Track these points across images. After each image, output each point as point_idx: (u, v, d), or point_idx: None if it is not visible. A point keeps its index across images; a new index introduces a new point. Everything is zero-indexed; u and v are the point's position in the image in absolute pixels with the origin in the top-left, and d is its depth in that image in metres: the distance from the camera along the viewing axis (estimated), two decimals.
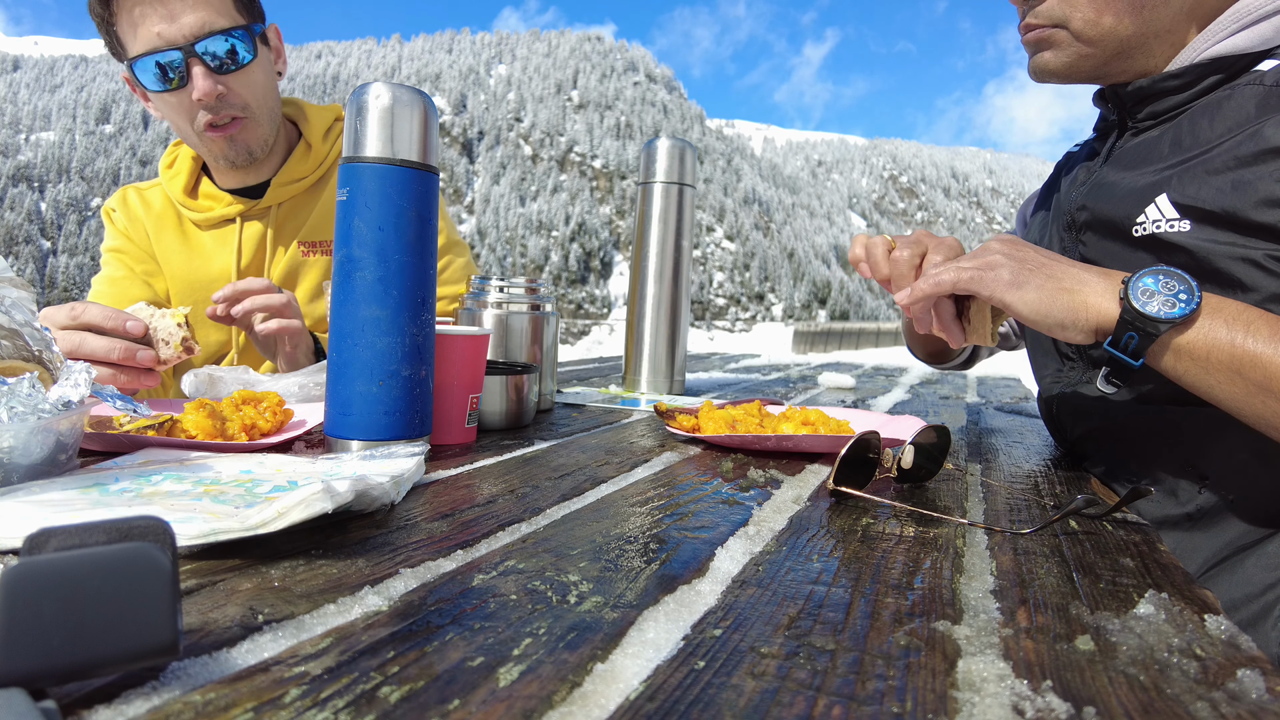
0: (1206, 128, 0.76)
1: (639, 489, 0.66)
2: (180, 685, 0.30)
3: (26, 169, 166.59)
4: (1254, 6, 0.76)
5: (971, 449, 0.94)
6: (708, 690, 0.32)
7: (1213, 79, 0.79)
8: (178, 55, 1.13)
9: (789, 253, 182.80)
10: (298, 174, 1.32)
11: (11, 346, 0.65)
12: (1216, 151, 0.74)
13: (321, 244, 1.35)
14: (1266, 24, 0.76)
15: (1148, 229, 0.77)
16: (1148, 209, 0.78)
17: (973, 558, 0.52)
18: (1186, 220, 0.74)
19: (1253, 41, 0.76)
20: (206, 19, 1.13)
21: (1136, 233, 0.78)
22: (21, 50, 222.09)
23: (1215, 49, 0.78)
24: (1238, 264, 0.72)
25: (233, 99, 1.19)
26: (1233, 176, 0.71)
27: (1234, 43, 0.77)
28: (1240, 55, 0.77)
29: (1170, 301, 0.65)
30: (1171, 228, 0.75)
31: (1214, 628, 0.41)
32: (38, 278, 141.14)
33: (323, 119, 1.37)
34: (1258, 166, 0.70)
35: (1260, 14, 0.76)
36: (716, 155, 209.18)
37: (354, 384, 0.69)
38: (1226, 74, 0.78)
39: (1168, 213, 0.76)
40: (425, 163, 0.71)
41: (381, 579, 0.42)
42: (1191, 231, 0.74)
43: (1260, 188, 0.70)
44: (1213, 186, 0.73)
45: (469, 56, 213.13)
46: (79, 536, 0.29)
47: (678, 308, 1.30)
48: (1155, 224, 0.77)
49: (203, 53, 1.14)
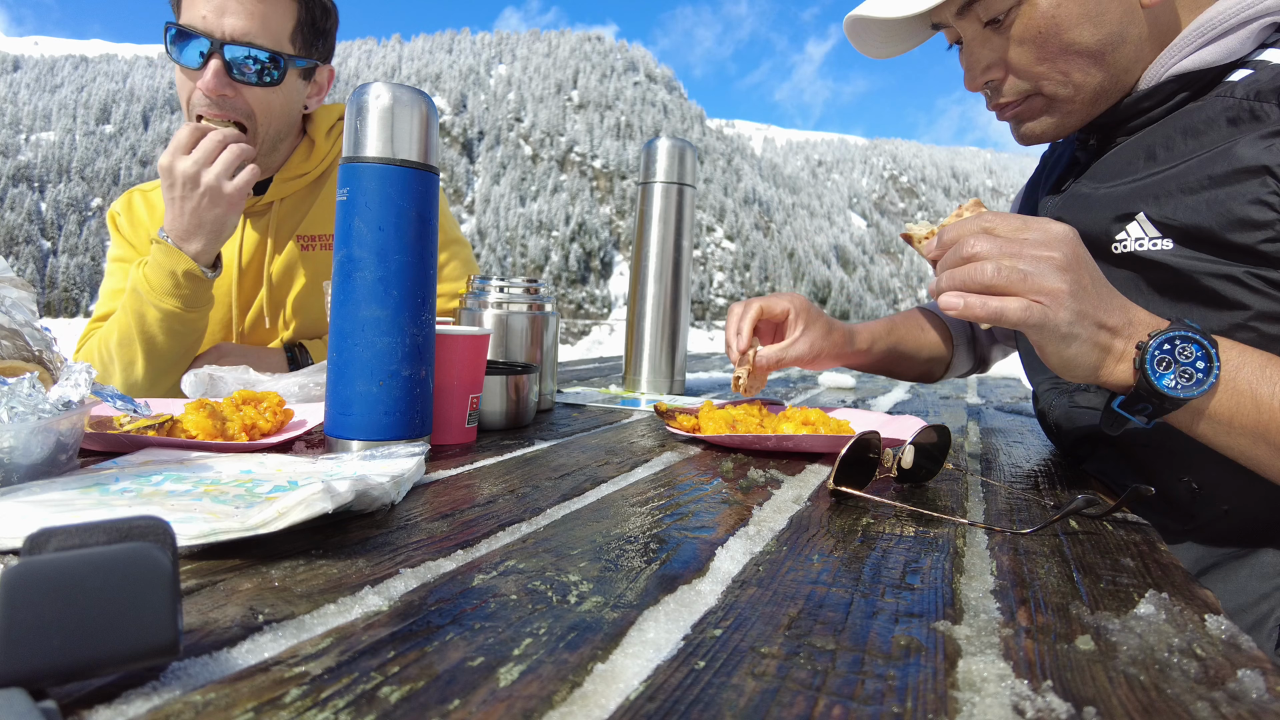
0: (1180, 141, 0.75)
1: (639, 489, 0.66)
2: (180, 685, 0.30)
3: (26, 169, 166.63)
4: (1218, 20, 0.75)
5: (972, 449, 0.94)
6: (708, 690, 0.32)
7: (1183, 95, 0.78)
8: (205, 44, 1.14)
9: (789, 253, 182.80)
10: (300, 170, 1.33)
11: (11, 346, 0.65)
12: (1190, 167, 0.73)
13: (320, 238, 1.35)
14: (1232, 37, 0.75)
15: (1129, 246, 0.77)
16: (1128, 226, 0.77)
17: (973, 558, 0.52)
18: (1168, 239, 0.74)
19: (1219, 55, 0.76)
20: (250, 30, 1.15)
21: (1116, 250, 0.78)
22: (21, 50, 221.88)
23: (1180, 65, 0.77)
24: (1221, 282, 0.71)
25: (237, 103, 1.19)
26: (1207, 196, 0.71)
27: (1200, 58, 0.76)
28: (1208, 69, 0.76)
29: (1188, 373, 0.63)
30: (1154, 245, 0.75)
31: (1214, 628, 0.41)
32: (38, 278, 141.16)
33: (328, 116, 1.37)
34: (1230, 186, 0.69)
35: (1224, 28, 0.75)
36: (716, 155, 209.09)
37: (354, 384, 0.69)
38: (1195, 88, 0.77)
39: (1149, 231, 0.75)
40: (425, 163, 0.71)
41: (382, 579, 0.42)
42: (1174, 250, 0.73)
43: (1234, 209, 0.69)
44: (1188, 206, 0.72)
45: (469, 56, 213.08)
46: (79, 536, 0.29)
47: (678, 308, 1.30)
48: (1138, 241, 0.76)
49: (229, 55, 1.15)
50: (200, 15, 1.14)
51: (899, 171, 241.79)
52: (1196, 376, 0.63)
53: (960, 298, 0.65)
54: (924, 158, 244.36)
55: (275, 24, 1.18)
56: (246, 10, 1.15)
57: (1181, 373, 0.63)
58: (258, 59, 1.17)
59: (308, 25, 1.23)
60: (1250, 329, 0.71)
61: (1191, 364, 0.63)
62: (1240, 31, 0.75)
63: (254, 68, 1.17)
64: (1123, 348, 0.65)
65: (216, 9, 1.14)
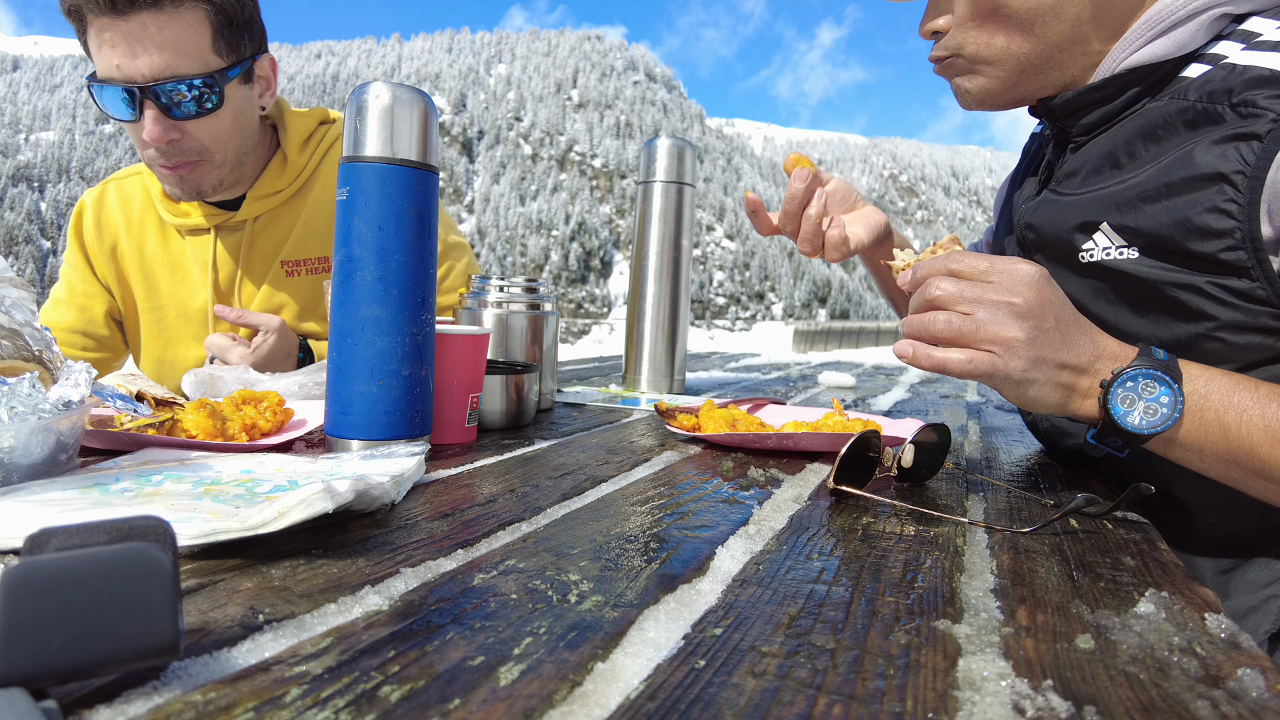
0: (1140, 146, 0.75)
1: (639, 488, 0.66)
2: (181, 685, 0.30)
3: (26, 169, 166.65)
4: (1166, 14, 0.74)
5: (972, 447, 0.94)
6: (708, 689, 0.32)
7: (1135, 90, 0.77)
8: (132, 92, 1.06)
9: (789, 252, 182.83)
10: (273, 188, 1.27)
11: (11, 346, 0.65)
12: (1150, 174, 0.72)
13: (305, 262, 1.30)
14: (1181, 30, 0.74)
15: (1095, 256, 0.76)
16: (1094, 236, 0.77)
17: (973, 556, 0.52)
18: (1134, 248, 0.73)
19: (1169, 48, 0.74)
20: (169, 63, 1.05)
21: (1083, 259, 0.78)
22: (21, 50, 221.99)
23: (1132, 59, 0.76)
24: (1184, 292, 0.70)
25: (187, 144, 1.12)
26: (1166, 204, 0.70)
27: (1151, 50, 0.75)
28: (1161, 62, 0.75)
29: (1152, 408, 0.63)
30: (1121, 254, 0.74)
31: (1214, 626, 0.41)
32: (38, 278, 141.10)
33: (301, 128, 1.29)
34: (1188, 195, 0.68)
35: (1173, 20, 0.74)
36: (716, 154, 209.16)
37: (354, 383, 0.69)
38: (1148, 83, 0.77)
39: (1114, 240, 0.75)
40: (425, 162, 0.71)
41: (382, 578, 0.42)
42: (1138, 260, 0.73)
43: (1193, 217, 0.68)
44: (1149, 214, 0.71)
45: (469, 56, 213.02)
46: (79, 536, 0.29)
47: (678, 307, 1.30)
48: (1105, 251, 0.76)
49: (158, 97, 1.06)
50: (114, 65, 1.04)
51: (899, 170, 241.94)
52: (1161, 412, 0.63)
53: (911, 346, 0.68)
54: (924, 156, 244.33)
55: (191, 44, 1.06)
56: (157, 44, 1.04)
57: (1146, 409, 0.63)
58: (192, 88, 1.08)
59: (225, 28, 1.10)
60: (1216, 339, 0.70)
61: (1155, 399, 0.63)
62: (1190, 24, 0.73)
63: (190, 99, 1.08)
64: (1088, 385, 0.66)
65: (126, 53, 1.04)
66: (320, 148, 1.31)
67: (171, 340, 1.32)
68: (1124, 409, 0.64)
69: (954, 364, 0.65)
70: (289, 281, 1.30)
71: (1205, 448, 0.64)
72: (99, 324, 1.34)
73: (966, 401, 1.43)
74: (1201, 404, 0.63)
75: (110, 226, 1.31)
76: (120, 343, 1.38)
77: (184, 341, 1.31)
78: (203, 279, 1.29)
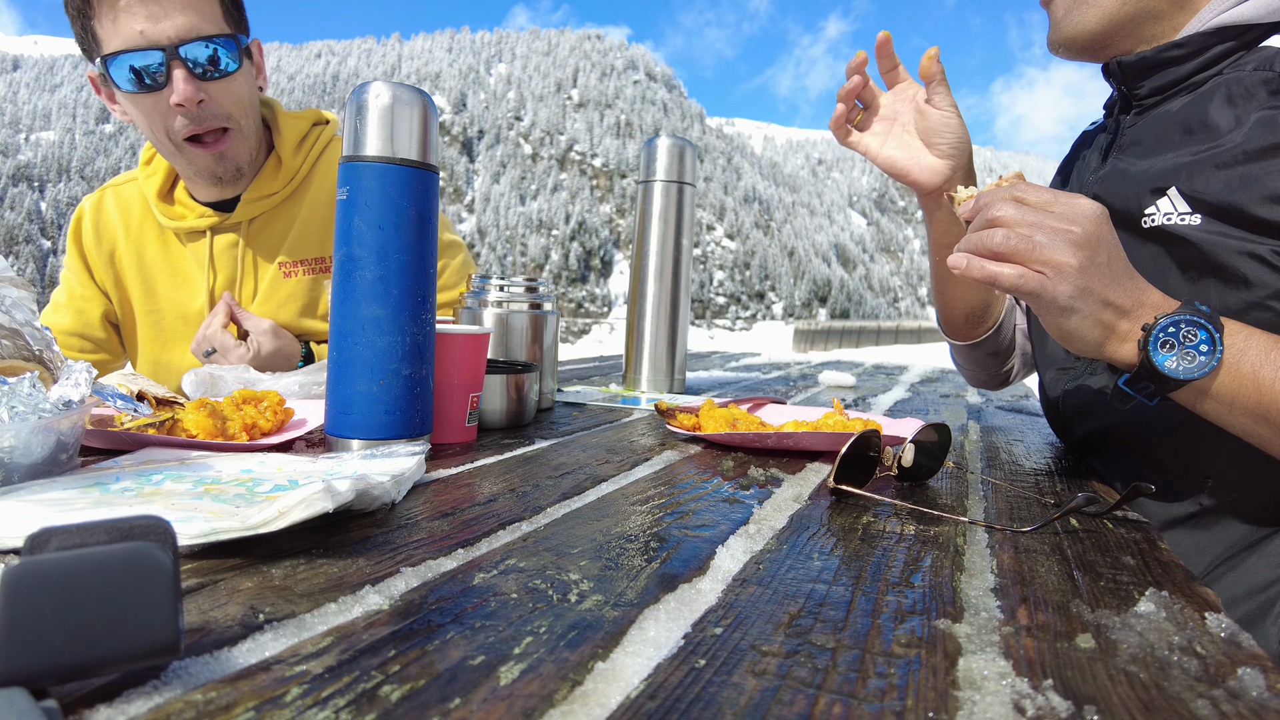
0: (1217, 115, 0.75)
1: (639, 488, 0.66)
2: (181, 684, 0.30)
3: (26, 169, 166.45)
4: None
5: (972, 447, 0.94)
6: (709, 688, 0.32)
7: (1218, 49, 0.78)
8: (159, 56, 1.07)
9: (789, 251, 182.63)
10: (268, 189, 1.27)
11: (12, 346, 0.65)
12: (1226, 142, 0.73)
13: (304, 262, 1.30)
14: None
15: (1157, 220, 0.77)
16: (1159, 201, 0.77)
17: (973, 556, 0.52)
18: (1198, 214, 0.74)
19: (1260, 11, 0.75)
20: (194, 23, 1.08)
21: (1145, 224, 0.78)
22: (21, 50, 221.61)
23: (1223, 17, 0.77)
24: (1243, 259, 0.71)
25: (215, 108, 1.14)
26: (1241, 170, 0.71)
27: (1240, 12, 0.76)
28: (1249, 26, 0.76)
29: (1190, 355, 0.63)
30: (1182, 220, 0.75)
31: (1214, 625, 0.41)
32: (38, 278, 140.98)
33: (295, 130, 1.30)
34: (1265, 161, 0.69)
35: None
36: (716, 154, 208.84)
37: (354, 383, 0.69)
38: (1232, 45, 0.77)
39: (1179, 206, 0.75)
40: (425, 161, 0.71)
41: (382, 578, 0.42)
42: (1202, 225, 0.73)
43: (1266, 183, 0.69)
44: (1220, 180, 0.72)
45: (469, 55, 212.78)
46: (80, 536, 0.29)
47: (678, 306, 1.30)
48: (1166, 216, 0.76)
49: (186, 56, 1.08)
50: (137, 31, 1.06)
51: None
52: (1199, 359, 0.63)
53: (965, 258, 0.68)
54: None
55: (208, 9, 1.10)
56: (178, 6, 1.07)
57: (1184, 355, 0.64)
58: (215, 47, 1.10)
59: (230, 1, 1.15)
60: (1268, 308, 0.71)
61: (1195, 347, 0.64)
62: None
63: (211, 57, 1.10)
64: (1128, 328, 0.66)
65: (149, 18, 1.05)
66: (315, 148, 1.32)
67: (168, 343, 1.33)
68: (1162, 352, 0.64)
69: (1005, 277, 0.66)
70: (287, 282, 1.30)
71: (1236, 400, 0.64)
72: (95, 326, 1.35)
73: (966, 401, 1.43)
74: (1239, 357, 0.64)
75: (109, 232, 1.32)
76: (117, 345, 1.39)
77: (181, 344, 1.32)
78: (201, 282, 1.29)
